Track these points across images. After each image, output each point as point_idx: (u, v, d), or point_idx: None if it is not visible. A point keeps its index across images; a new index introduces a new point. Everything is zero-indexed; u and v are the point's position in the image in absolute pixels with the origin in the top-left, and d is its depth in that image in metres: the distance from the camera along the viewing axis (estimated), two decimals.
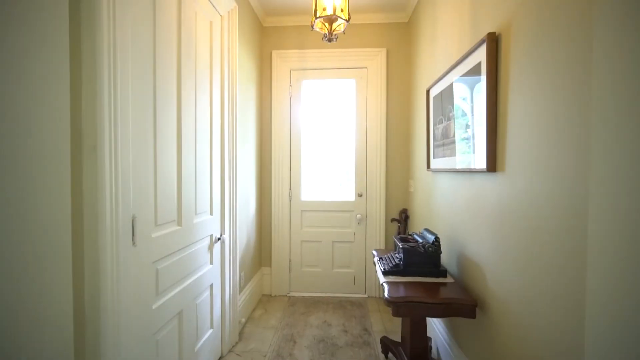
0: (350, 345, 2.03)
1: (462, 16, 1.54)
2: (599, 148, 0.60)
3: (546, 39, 0.91)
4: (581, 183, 0.77)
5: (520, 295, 1.04)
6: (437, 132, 1.87)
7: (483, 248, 1.32)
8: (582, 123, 0.77)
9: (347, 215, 2.84)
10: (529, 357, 0.99)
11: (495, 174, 1.22)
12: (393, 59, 2.70)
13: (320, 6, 1.55)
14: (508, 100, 1.13)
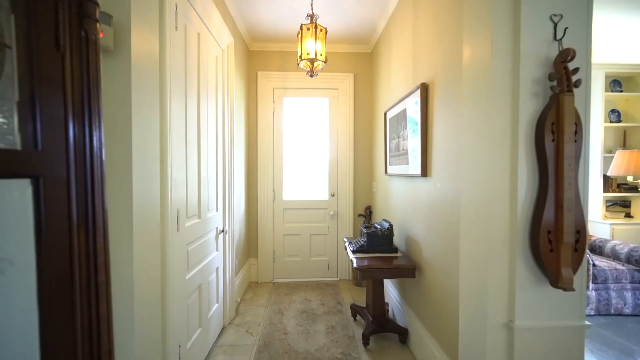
0: (327, 313, 2.55)
1: (406, 66, 2.14)
2: (466, 162, 1.18)
3: (446, 92, 1.51)
4: (458, 183, 1.36)
5: (439, 257, 1.63)
6: (392, 145, 2.46)
7: (420, 230, 1.92)
8: (458, 147, 1.36)
9: (322, 211, 3.36)
10: (442, 293, 1.58)
11: (426, 178, 1.82)
12: (359, 83, 3.29)
13: (304, 51, 2.05)
14: (432, 129, 1.73)
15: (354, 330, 2.27)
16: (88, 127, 0.47)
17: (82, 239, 0.44)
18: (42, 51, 0.41)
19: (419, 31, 1.92)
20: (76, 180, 0.45)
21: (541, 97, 0.98)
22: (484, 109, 1.04)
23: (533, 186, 0.99)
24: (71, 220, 0.44)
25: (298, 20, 2.64)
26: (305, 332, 2.25)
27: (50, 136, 0.42)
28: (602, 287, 2.42)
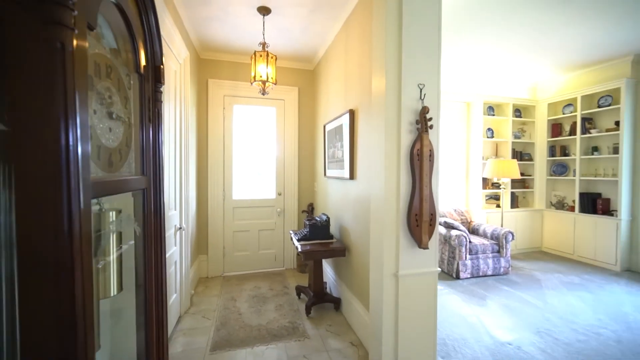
0: (275, 295, 2.98)
1: (340, 92, 2.70)
2: (375, 171, 1.75)
3: (365, 119, 2.10)
4: (370, 185, 1.94)
5: (361, 238, 2.22)
6: (329, 153, 3.01)
7: (349, 219, 2.49)
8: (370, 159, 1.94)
9: (270, 209, 3.76)
10: (362, 264, 2.16)
11: (353, 181, 2.39)
12: (303, 95, 3.78)
13: (258, 74, 2.45)
14: (357, 144, 2.31)
15: (299, 305, 2.76)
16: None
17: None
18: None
19: (349, 66, 2.49)
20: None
21: (413, 133, 1.60)
22: (383, 137, 1.61)
23: (408, 188, 1.60)
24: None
25: (249, 38, 3.00)
26: (258, 311, 2.65)
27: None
28: (474, 257, 3.39)
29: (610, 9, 2.56)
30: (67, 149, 0.44)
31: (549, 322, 2.41)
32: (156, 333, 0.86)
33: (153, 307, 0.87)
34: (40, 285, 0.43)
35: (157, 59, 0.88)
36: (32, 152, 0.43)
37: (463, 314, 2.57)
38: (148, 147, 0.83)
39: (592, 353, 2.00)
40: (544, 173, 4.53)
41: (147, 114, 0.83)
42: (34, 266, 0.43)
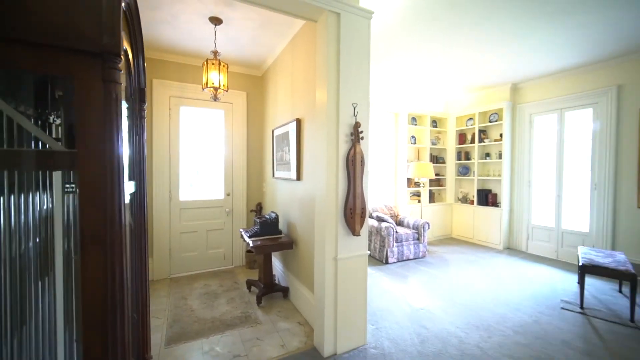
0: (226, 291, 3.13)
1: (287, 100, 3.00)
2: (319, 173, 2.10)
3: (310, 127, 2.44)
4: (315, 185, 2.30)
5: (306, 231, 2.56)
6: (278, 156, 3.29)
7: (296, 216, 2.81)
8: (315, 163, 2.30)
9: (219, 209, 3.85)
10: (308, 253, 2.51)
11: (300, 181, 2.72)
12: (251, 100, 3.96)
13: (210, 81, 2.59)
14: (304, 150, 2.64)
15: (250, 297, 2.97)
16: None
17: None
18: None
19: (295, 79, 2.81)
20: None
21: (348, 143, 2.00)
22: (326, 145, 1.97)
23: (344, 187, 2.00)
24: None
25: (199, 43, 3.08)
26: (210, 306, 2.78)
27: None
28: (400, 245, 4.05)
29: (499, 48, 3.40)
30: (117, 164, 0.66)
31: (451, 290, 3.11)
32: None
33: (138, 291, 1.05)
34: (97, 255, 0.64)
35: (142, 82, 1.06)
36: (93, 166, 0.64)
37: (389, 290, 3.13)
38: (136, 156, 1.02)
39: (477, 306, 2.71)
40: (453, 173, 5.54)
41: (134, 129, 1.01)
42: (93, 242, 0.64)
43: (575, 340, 2.19)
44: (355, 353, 2.04)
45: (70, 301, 0.67)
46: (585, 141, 4.01)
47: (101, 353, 0.65)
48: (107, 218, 0.65)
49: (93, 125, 0.63)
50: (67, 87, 0.80)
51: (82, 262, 0.63)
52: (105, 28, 0.57)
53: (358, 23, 2.00)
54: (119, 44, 0.59)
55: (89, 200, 0.63)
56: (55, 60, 0.57)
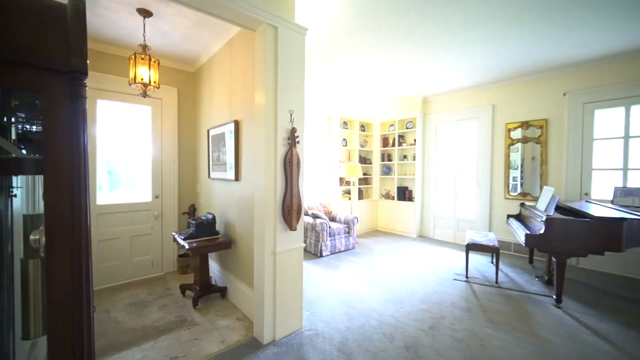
0: (157, 298, 2.98)
1: (224, 101, 3.03)
2: (258, 174, 2.23)
3: (249, 129, 2.55)
4: (254, 185, 2.43)
5: (245, 230, 2.66)
6: (214, 156, 3.27)
7: (235, 215, 2.88)
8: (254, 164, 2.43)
9: (146, 213, 3.59)
10: (247, 251, 2.61)
11: (239, 182, 2.80)
12: (184, 97, 3.79)
13: (139, 76, 2.45)
14: (242, 151, 2.73)
15: (184, 302, 2.90)
16: None
17: None
18: None
19: (233, 81, 2.86)
20: None
21: (286, 146, 2.19)
22: (265, 148, 2.12)
23: (282, 187, 2.19)
24: None
25: (123, 33, 2.85)
26: (139, 315, 2.63)
27: None
28: (333, 239, 4.44)
29: (413, 68, 4.03)
30: (83, 170, 0.72)
31: (375, 274, 3.60)
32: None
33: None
34: (64, 255, 0.70)
35: None
36: (57, 169, 0.69)
37: (323, 280, 3.44)
38: None
39: (394, 285, 3.22)
40: (378, 173, 6.26)
41: None
42: (60, 243, 0.69)
43: (460, 302, 2.85)
44: (293, 336, 2.26)
45: (12, 303, 0.69)
46: (473, 147, 5.05)
47: (70, 348, 0.70)
48: (74, 220, 0.71)
49: (60, 134, 0.68)
50: (27, 98, 0.80)
51: (48, 262, 0.68)
52: (74, 51, 0.64)
53: (294, 37, 2.20)
54: (85, 64, 0.66)
55: (56, 204, 0.68)
56: (26, 77, 0.62)
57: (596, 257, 3.71)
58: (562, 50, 3.43)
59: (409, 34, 2.98)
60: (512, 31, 2.94)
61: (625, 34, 3.01)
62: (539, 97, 4.29)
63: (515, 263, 4.08)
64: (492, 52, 3.44)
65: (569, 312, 2.67)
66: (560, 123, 4.10)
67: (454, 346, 2.15)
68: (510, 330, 2.36)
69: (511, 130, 4.56)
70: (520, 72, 4.21)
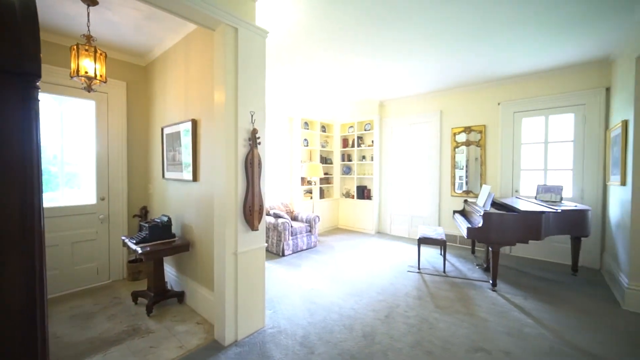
0: (104, 308, 2.76)
1: (180, 100, 2.91)
2: (218, 174, 2.20)
3: (208, 129, 2.50)
4: (214, 185, 2.38)
5: (205, 231, 2.59)
6: (169, 156, 3.11)
7: (193, 217, 2.78)
8: (214, 165, 2.39)
9: (89, 217, 3.29)
10: (207, 253, 2.55)
11: (197, 182, 2.71)
12: (133, 92, 3.54)
13: (83, 68, 2.25)
14: (200, 151, 2.65)
15: (137, 310, 2.73)
16: None
17: None
18: None
19: (190, 78, 2.76)
20: None
21: (247, 147, 2.20)
22: (225, 149, 2.10)
23: (244, 187, 2.19)
24: None
25: (60, 19, 2.58)
26: (84, 328, 2.42)
27: None
28: (295, 238, 4.49)
29: (370, 73, 4.23)
30: (36, 171, 0.68)
31: (336, 270, 3.74)
32: None
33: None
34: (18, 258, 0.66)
35: None
36: (13, 171, 0.65)
37: (285, 278, 3.49)
38: None
39: (354, 279, 3.38)
40: (339, 173, 6.45)
41: None
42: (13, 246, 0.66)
43: (412, 291, 3.11)
44: (255, 335, 2.27)
45: None
46: (424, 149, 5.48)
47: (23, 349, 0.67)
48: (27, 221, 0.68)
49: (12, 137, 0.65)
50: None
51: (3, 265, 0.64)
52: (29, 55, 0.60)
53: (255, 40, 2.22)
54: (39, 67, 0.63)
55: (8, 206, 0.65)
56: None
57: (523, 245, 4.29)
58: (496, 66, 3.90)
59: (366, 43, 3.15)
60: (455, 48, 3.28)
61: (545, 55, 3.53)
62: (478, 105, 4.81)
63: (460, 254, 4.53)
64: (439, 64, 3.78)
65: (502, 294, 3.06)
66: (495, 129, 4.64)
67: (407, 331, 2.35)
68: (454, 313, 2.64)
69: (456, 134, 5.05)
70: (464, 83, 4.68)
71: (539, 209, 3.21)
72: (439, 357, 2.03)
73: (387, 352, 2.08)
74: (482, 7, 2.49)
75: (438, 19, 2.67)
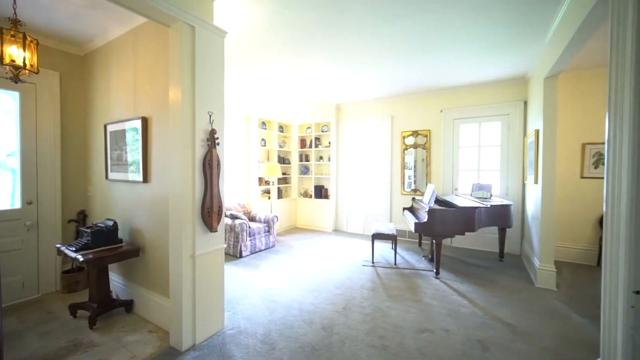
0: (34, 325, 2.45)
1: (128, 96, 2.71)
2: (172, 175, 2.12)
3: (162, 128, 2.38)
4: (167, 187, 2.29)
5: (158, 235, 2.47)
6: (114, 155, 2.88)
7: (143, 221, 2.62)
8: (168, 165, 2.29)
9: (13, 224, 2.88)
10: (161, 257, 2.43)
11: (148, 184, 2.56)
12: (69, 84, 3.18)
13: (8, 55, 1.98)
14: (152, 151, 2.51)
15: (77, 323, 2.48)
16: None
17: None
18: None
19: (140, 73, 2.59)
20: None
21: (205, 147, 2.16)
22: (182, 149, 2.04)
23: (202, 188, 2.15)
24: None
25: None
26: (12, 348, 2.14)
27: None
28: (253, 238, 4.46)
29: (326, 77, 4.37)
30: None
31: (295, 268, 3.81)
32: None
33: None
34: None
35: None
36: None
37: (244, 279, 3.46)
38: None
39: (313, 276, 3.49)
40: (297, 173, 6.53)
41: None
42: None
43: (367, 284, 3.33)
44: (214, 338, 2.24)
45: None
46: (377, 150, 5.83)
47: None
48: None
49: None
50: None
51: None
52: None
53: (213, 39, 2.18)
54: None
55: None
56: None
57: (460, 237, 4.84)
58: (439, 78, 4.35)
59: (323, 49, 3.28)
60: (404, 60, 3.58)
61: (479, 71, 4.04)
62: (424, 111, 5.29)
63: (409, 247, 4.94)
64: (390, 73, 4.08)
65: (444, 281, 3.44)
66: (439, 133, 5.16)
67: (362, 320, 2.53)
68: (403, 301, 2.90)
69: (405, 138, 5.48)
70: (412, 91, 5.11)
71: (473, 204, 3.67)
72: (390, 340, 2.24)
73: (345, 341, 2.22)
74: (426, 27, 2.78)
75: (389, 34, 2.91)
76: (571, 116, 4.07)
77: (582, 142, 4.04)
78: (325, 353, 2.08)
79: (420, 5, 2.44)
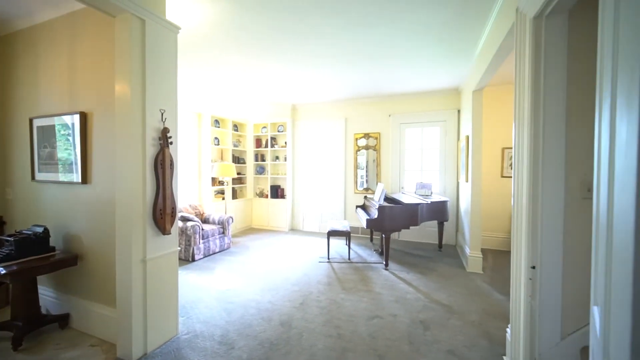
0: None
1: (62, 87, 2.44)
2: (119, 175, 1.98)
3: (104, 125, 2.21)
4: (114, 187, 2.14)
5: (100, 241, 2.27)
6: (43, 153, 2.56)
7: (83, 226, 2.39)
8: (114, 165, 2.14)
9: None
10: (105, 264, 2.25)
11: (87, 185, 2.34)
12: None
13: None
14: (92, 148, 2.31)
15: None
16: None
17: None
18: None
19: (78, 63, 2.35)
20: None
21: (157, 147, 2.07)
22: (131, 148, 1.92)
23: (153, 189, 2.06)
24: None
25: None
26: None
27: None
28: (206, 241, 4.31)
29: (281, 81, 4.41)
30: None
31: (252, 269, 3.80)
32: None
33: None
34: None
35: None
36: None
37: (198, 283, 3.35)
38: None
39: (270, 275, 3.53)
40: (252, 173, 6.44)
41: None
42: None
43: (323, 279, 3.49)
44: (168, 344, 2.16)
45: None
46: (332, 151, 6.06)
47: None
48: None
49: None
50: None
51: None
52: None
53: (165, 34, 2.10)
54: None
55: None
56: None
57: (406, 231, 5.31)
58: (389, 84, 4.71)
59: (278, 51, 3.33)
60: (358, 67, 3.82)
61: (422, 81, 4.48)
62: (375, 115, 5.66)
63: (362, 242, 5.25)
64: (344, 77, 4.30)
65: (392, 271, 3.76)
66: (387, 136, 5.57)
67: (319, 313, 2.66)
68: (356, 292, 3.12)
69: (358, 139, 5.79)
70: (364, 95, 5.43)
71: (416, 201, 4.07)
72: (345, 328, 2.41)
73: (303, 334, 2.33)
74: (373, 40, 3.02)
75: (342, 43, 3.09)
76: (494, 124, 4.76)
77: (502, 147, 4.76)
78: (284, 347, 2.16)
79: (369, 21, 2.66)
